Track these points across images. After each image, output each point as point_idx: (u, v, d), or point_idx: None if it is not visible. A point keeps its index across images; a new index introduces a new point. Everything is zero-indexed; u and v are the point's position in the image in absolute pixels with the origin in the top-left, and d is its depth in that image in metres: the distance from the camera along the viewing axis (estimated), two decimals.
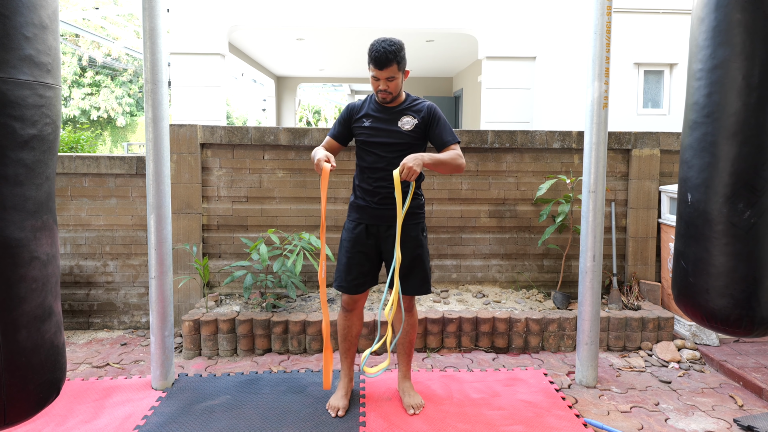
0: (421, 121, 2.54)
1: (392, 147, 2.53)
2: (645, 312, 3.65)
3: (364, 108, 2.60)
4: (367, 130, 2.56)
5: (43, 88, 1.41)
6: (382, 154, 2.53)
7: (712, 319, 1.87)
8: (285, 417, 2.60)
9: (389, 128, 2.53)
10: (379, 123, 2.55)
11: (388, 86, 2.45)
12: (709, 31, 1.80)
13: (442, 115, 2.59)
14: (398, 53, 2.40)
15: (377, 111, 2.57)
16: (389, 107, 2.57)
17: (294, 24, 7.99)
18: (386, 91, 2.47)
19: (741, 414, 2.72)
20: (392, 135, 2.53)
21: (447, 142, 2.53)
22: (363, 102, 2.64)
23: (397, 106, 2.57)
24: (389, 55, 2.37)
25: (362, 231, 2.59)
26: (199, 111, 7.93)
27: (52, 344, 1.47)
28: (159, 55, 2.72)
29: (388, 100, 2.52)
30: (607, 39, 2.82)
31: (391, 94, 2.49)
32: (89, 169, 3.92)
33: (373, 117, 2.56)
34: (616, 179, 4.18)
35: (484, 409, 2.69)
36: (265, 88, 15.36)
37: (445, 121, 2.58)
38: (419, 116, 2.54)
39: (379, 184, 2.55)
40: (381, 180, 2.55)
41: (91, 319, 4.00)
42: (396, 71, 2.43)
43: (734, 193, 1.76)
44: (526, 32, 8.00)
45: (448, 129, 2.56)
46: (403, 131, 2.53)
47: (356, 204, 2.63)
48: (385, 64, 2.39)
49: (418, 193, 2.65)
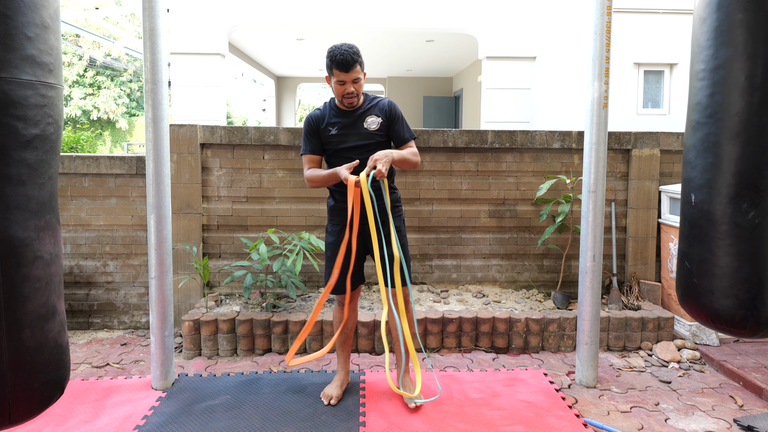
0: (384, 119, 2.60)
1: (362, 149, 2.57)
2: (645, 312, 3.65)
3: (326, 117, 2.62)
4: (335, 138, 2.59)
5: (45, 87, 1.41)
6: (354, 157, 2.55)
7: (717, 320, 1.86)
8: (285, 417, 2.60)
9: (356, 132, 2.58)
10: (344, 129, 2.58)
11: (355, 88, 2.49)
12: (711, 31, 1.80)
13: (400, 112, 2.66)
14: (359, 54, 2.49)
15: (340, 117, 2.60)
16: (350, 111, 2.60)
17: (294, 24, 7.99)
18: (353, 93, 2.50)
19: (741, 414, 2.72)
20: (360, 137, 2.58)
21: (406, 138, 2.63)
22: (321, 111, 2.65)
23: (358, 108, 2.61)
24: (353, 56, 2.44)
25: (341, 231, 2.67)
26: (199, 111, 7.93)
27: (56, 343, 1.47)
28: (159, 55, 2.72)
29: (355, 104, 2.56)
30: (607, 39, 2.82)
31: (357, 96, 2.53)
32: (89, 169, 3.92)
33: (338, 124, 2.59)
34: (616, 179, 4.18)
35: (484, 409, 2.69)
36: (265, 88, 15.36)
37: (403, 117, 2.66)
38: (382, 114, 2.60)
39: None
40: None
41: (91, 319, 4.00)
42: (359, 72, 2.49)
43: (738, 194, 1.76)
44: (526, 32, 8.01)
45: (406, 126, 2.66)
46: (371, 131, 2.58)
47: (337, 207, 2.68)
48: (351, 66, 2.44)
49: (393, 187, 2.71)
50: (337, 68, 2.44)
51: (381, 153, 2.39)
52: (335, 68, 2.45)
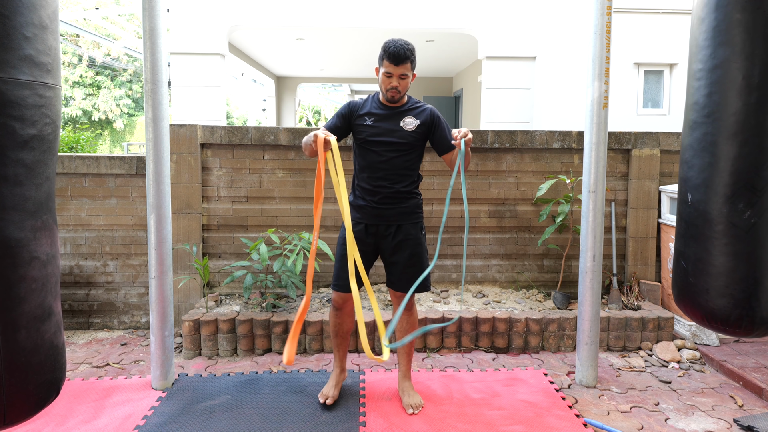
0: (422, 124, 2.58)
1: (394, 146, 2.55)
2: (645, 312, 3.65)
3: (366, 107, 2.61)
4: (370, 128, 2.57)
5: (43, 88, 1.41)
6: (383, 153, 2.55)
7: (712, 319, 1.86)
8: (285, 417, 2.60)
9: (392, 127, 2.56)
10: (381, 122, 2.56)
11: (399, 83, 2.48)
12: (709, 31, 1.80)
13: (443, 119, 2.65)
14: (413, 53, 2.48)
15: (380, 110, 2.59)
16: (392, 107, 2.59)
17: (294, 24, 7.99)
18: (396, 88, 2.49)
19: (741, 414, 2.72)
20: (395, 134, 2.55)
21: (452, 145, 2.58)
22: (365, 101, 2.65)
23: (399, 106, 2.60)
24: (407, 52, 2.43)
25: (362, 230, 2.62)
26: (199, 111, 7.93)
27: (52, 344, 1.47)
28: (159, 55, 2.72)
29: (396, 99, 2.54)
30: (607, 39, 2.82)
31: (400, 92, 2.51)
32: (89, 169, 3.92)
33: (376, 116, 2.57)
34: (616, 179, 4.18)
35: (484, 409, 2.69)
36: (265, 88, 15.35)
37: (447, 124, 2.65)
38: (421, 118, 2.58)
39: (379, 184, 2.57)
40: (381, 179, 2.56)
41: (91, 319, 4.00)
42: (409, 70, 2.48)
43: (734, 193, 1.76)
44: (526, 32, 8.00)
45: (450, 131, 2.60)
46: (406, 131, 2.55)
47: (356, 203, 2.65)
48: (402, 61, 2.43)
49: (417, 192, 2.67)
50: (388, 59, 2.44)
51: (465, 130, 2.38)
52: (386, 59, 2.45)
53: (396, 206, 2.59)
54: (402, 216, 2.61)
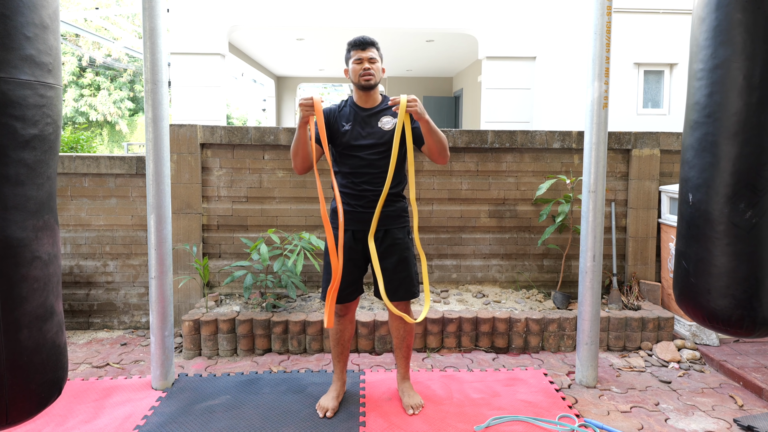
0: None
1: (374, 148, 2.52)
2: (645, 312, 3.65)
3: (341, 111, 2.59)
4: (347, 132, 2.53)
5: (44, 88, 1.41)
6: (364, 156, 2.52)
7: (714, 320, 1.86)
8: (285, 417, 2.60)
9: (370, 130, 2.53)
10: (358, 126, 2.54)
11: (372, 66, 2.49)
12: (709, 30, 1.80)
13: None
14: (376, 42, 2.56)
15: (355, 114, 2.56)
16: (367, 108, 2.57)
17: (294, 24, 7.99)
18: (370, 70, 2.49)
19: (741, 414, 2.72)
20: (373, 135, 2.52)
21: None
22: (339, 106, 2.62)
23: (373, 108, 2.57)
24: (369, 38, 2.53)
25: (350, 237, 2.57)
26: (199, 111, 7.93)
27: (54, 344, 1.47)
28: (159, 55, 2.72)
29: (372, 84, 2.51)
30: (607, 39, 2.82)
31: (374, 76, 2.50)
32: (89, 169, 3.92)
33: (352, 120, 2.55)
34: (616, 179, 4.18)
35: (484, 409, 2.69)
36: (265, 88, 15.36)
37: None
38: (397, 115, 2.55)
39: (363, 188, 2.53)
40: (365, 183, 2.53)
41: (91, 319, 4.00)
42: (377, 55, 2.53)
43: (736, 193, 1.76)
44: (526, 32, 8.01)
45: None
46: (384, 130, 2.53)
47: (333, 208, 2.59)
48: (367, 45, 2.51)
49: (403, 196, 2.65)
50: (354, 48, 2.50)
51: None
52: (352, 49, 2.50)
53: (383, 209, 2.53)
54: (388, 220, 2.57)
